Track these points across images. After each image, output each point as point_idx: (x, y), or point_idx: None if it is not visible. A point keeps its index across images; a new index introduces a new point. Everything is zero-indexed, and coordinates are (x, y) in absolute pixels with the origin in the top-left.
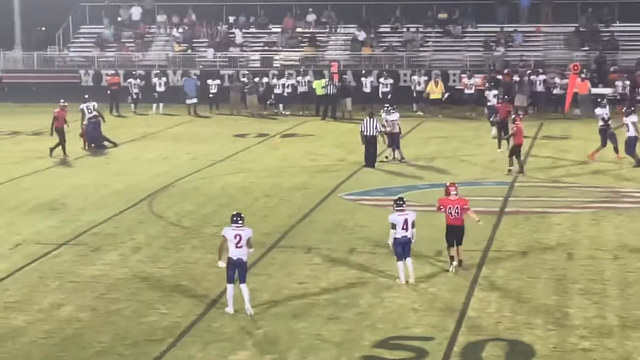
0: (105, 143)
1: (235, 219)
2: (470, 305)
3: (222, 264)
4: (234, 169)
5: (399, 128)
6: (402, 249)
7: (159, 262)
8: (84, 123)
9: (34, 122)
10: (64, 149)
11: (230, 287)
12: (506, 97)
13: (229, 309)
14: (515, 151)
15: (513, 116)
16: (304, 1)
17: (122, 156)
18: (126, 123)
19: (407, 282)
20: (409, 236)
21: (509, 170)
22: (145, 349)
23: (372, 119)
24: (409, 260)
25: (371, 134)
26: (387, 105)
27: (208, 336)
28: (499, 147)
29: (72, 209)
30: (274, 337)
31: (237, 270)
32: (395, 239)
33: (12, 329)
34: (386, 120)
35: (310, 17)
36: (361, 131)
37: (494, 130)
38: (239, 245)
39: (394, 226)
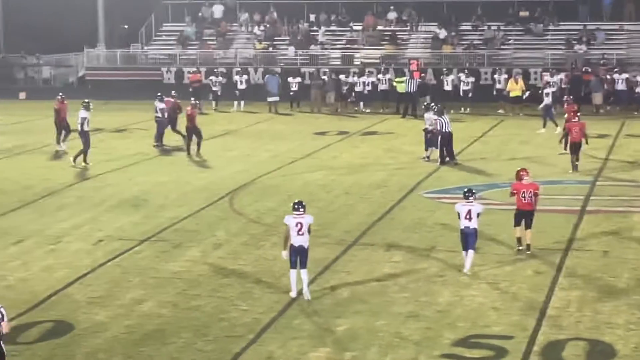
0: (157, 144)
1: (296, 206)
2: (551, 304)
3: (286, 256)
4: (314, 166)
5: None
6: (467, 240)
7: (240, 258)
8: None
9: (117, 119)
10: (191, 147)
11: (292, 272)
12: (571, 97)
13: (293, 293)
14: (571, 148)
15: (566, 116)
16: None
17: (203, 153)
18: (207, 120)
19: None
20: (472, 227)
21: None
22: (225, 345)
23: (444, 116)
24: (470, 252)
25: (449, 130)
26: (432, 103)
27: (288, 333)
28: (565, 148)
29: (154, 206)
30: (353, 334)
31: (299, 257)
32: (460, 230)
33: (94, 323)
34: (429, 119)
35: (391, 15)
36: (439, 129)
37: (543, 130)
38: (300, 232)
39: (459, 215)
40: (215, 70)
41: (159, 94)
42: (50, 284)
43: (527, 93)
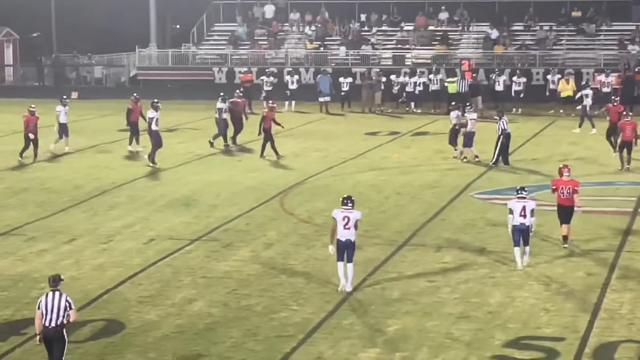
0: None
1: (345, 201)
2: (603, 306)
3: (332, 250)
4: (365, 166)
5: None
6: (520, 236)
7: (290, 258)
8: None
9: (168, 118)
10: (272, 149)
11: (340, 263)
12: (617, 98)
13: (341, 288)
14: (621, 147)
15: (608, 117)
16: None
17: (254, 153)
18: (258, 120)
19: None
20: (527, 224)
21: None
22: (275, 345)
23: (504, 117)
24: (527, 248)
25: (508, 131)
26: (468, 103)
27: (338, 333)
28: (615, 150)
29: (205, 205)
30: (404, 335)
31: (346, 251)
32: (513, 226)
33: (145, 322)
34: (464, 119)
35: (443, 15)
36: (503, 129)
37: (594, 130)
38: (347, 226)
39: (511, 212)
40: (267, 70)
41: (221, 93)
42: (101, 283)
43: (579, 93)
